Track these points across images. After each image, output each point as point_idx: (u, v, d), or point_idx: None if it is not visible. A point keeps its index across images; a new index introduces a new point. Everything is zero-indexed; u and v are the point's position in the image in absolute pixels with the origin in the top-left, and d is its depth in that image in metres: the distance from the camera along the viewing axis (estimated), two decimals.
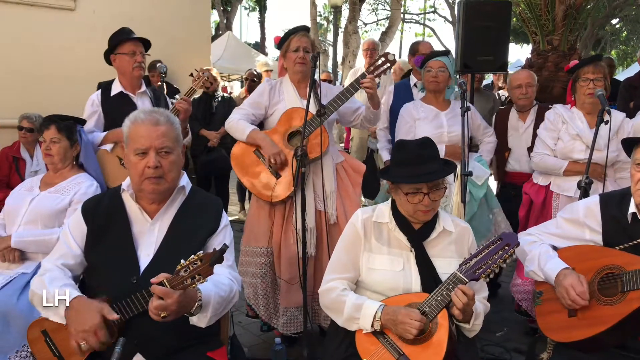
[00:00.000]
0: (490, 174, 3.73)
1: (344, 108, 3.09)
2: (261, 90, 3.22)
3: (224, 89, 7.64)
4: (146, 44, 3.45)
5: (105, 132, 3.39)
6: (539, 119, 3.77)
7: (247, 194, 6.59)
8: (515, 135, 3.92)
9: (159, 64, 3.51)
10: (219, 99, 5.72)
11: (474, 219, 3.37)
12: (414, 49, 4.62)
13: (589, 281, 2.03)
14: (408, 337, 1.89)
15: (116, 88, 3.46)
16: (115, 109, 3.27)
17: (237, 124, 3.12)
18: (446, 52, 3.66)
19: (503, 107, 4.20)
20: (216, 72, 5.65)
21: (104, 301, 1.83)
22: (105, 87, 3.52)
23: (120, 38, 3.37)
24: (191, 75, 3.53)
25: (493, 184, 4.25)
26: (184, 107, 3.31)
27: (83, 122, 3.07)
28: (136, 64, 3.36)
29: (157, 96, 3.53)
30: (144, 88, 3.48)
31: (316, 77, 3.04)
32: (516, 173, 3.92)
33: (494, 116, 4.18)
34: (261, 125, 3.27)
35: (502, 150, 3.94)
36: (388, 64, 3.02)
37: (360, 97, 3.92)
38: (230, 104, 5.77)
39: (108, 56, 3.43)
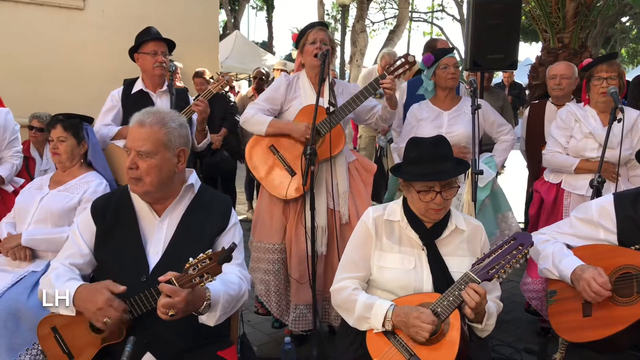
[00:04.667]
0: (497, 175, 3.65)
1: (360, 107, 3.07)
2: (277, 85, 3.19)
3: (232, 90, 7.61)
4: (170, 44, 3.49)
5: (120, 127, 3.42)
6: None
7: (255, 192, 6.59)
8: None
9: (169, 63, 3.50)
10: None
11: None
12: (432, 46, 4.55)
13: None
14: (419, 340, 1.87)
15: (138, 86, 3.52)
16: (134, 106, 3.27)
17: (254, 117, 3.09)
18: (453, 49, 3.64)
19: (537, 101, 4.11)
20: (209, 74, 5.62)
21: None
22: (128, 83, 3.57)
23: (144, 38, 3.43)
24: (211, 78, 3.53)
25: (508, 184, 4.18)
26: (200, 109, 3.32)
27: (90, 120, 3.07)
28: (157, 63, 3.40)
29: (180, 96, 3.54)
30: (165, 87, 3.50)
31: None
32: None
33: (526, 110, 4.08)
34: None
35: (537, 145, 3.82)
36: (407, 66, 3.01)
37: None
38: (227, 101, 5.73)
39: (132, 54, 3.48)
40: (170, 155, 1.94)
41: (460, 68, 3.50)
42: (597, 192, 2.73)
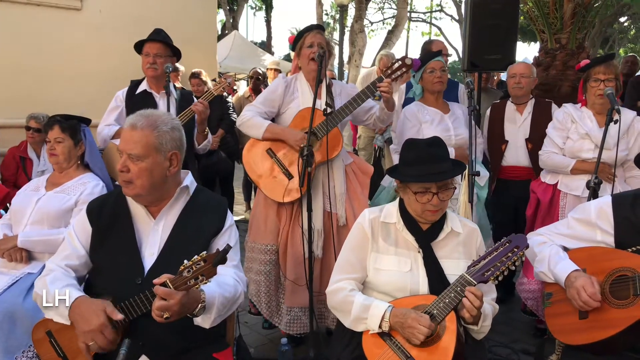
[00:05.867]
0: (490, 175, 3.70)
1: (358, 108, 3.06)
2: (274, 87, 3.18)
3: (230, 90, 7.57)
4: (173, 49, 3.54)
5: (120, 127, 3.46)
6: (537, 112, 3.76)
7: (252, 192, 6.58)
8: (512, 128, 3.85)
9: (166, 64, 3.50)
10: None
11: (479, 220, 3.35)
12: (427, 48, 4.55)
13: (601, 283, 2.00)
14: (415, 342, 1.87)
15: (142, 86, 3.57)
16: (137, 106, 3.31)
17: (251, 120, 3.08)
18: (440, 53, 3.63)
19: (498, 101, 4.14)
20: (205, 75, 5.63)
21: (107, 300, 1.83)
22: (134, 84, 3.61)
23: (143, 40, 3.50)
24: (214, 80, 3.55)
25: None
26: (200, 109, 3.33)
27: (87, 121, 3.07)
28: (147, 65, 3.45)
29: (184, 98, 3.55)
30: (168, 88, 3.50)
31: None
32: (512, 167, 3.83)
33: (487, 109, 4.12)
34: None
35: (498, 144, 3.87)
36: (405, 68, 3.01)
37: None
38: (224, 102, 5.73)
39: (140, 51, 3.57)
40: (161, 158, 1.93)
41: (447, 72, 3.49)
42: (593, 193, 2.73)
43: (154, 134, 1.91)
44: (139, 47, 3.52)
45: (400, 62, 3.02)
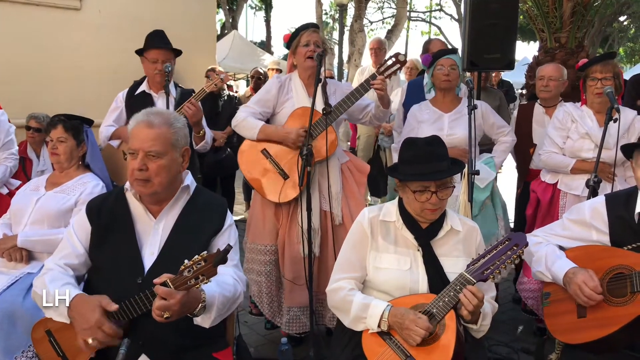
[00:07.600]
0: (495, 176, 3.62)
1: (353, 106, 3.06)
2: (269, 87, 3.18)
3: (230, 87, 7.64)
4: (176, 52, 3.61)
5: (115, 128, 3.48)
6: None
7: (252, 192, 6.59)
8: (540, 131, 3.76)
9: (164, 64, 3.51)
10: (225, 97, 5.72)
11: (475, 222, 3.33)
12: (426, 48, 4.56)
13: (598, 280, 2.00)
14: (412, 343, 1.87)
15: (142, 87, 3.63)
16: (136, 106, 3.32)
17: (245, 122, 3.08)
18: (455, 50, 3.61)
19: (526, 103, 4.10)
20: (221, 69, 5.66)
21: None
22: (134, 85, 3.67)
23: (149, 45, 3.56)
24: (207, 76, 3.57)
25: (505, 184, 4.16)
26: (191, 113, 3.33)
27: (90, 122, 3.07)
28: (156, 71, 3.52)
29: (184, 98, 3.56)
30: (167, 88, 3.52)
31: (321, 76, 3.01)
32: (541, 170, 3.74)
33: (515, 111, 4.04)
34: (267, 122, 3.24)
35: (525, 147, 3.79)
36: (398, 65, 3.00)
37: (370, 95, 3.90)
38: (235, 102, 5.78)
39: (141, 53, 3.63)
40: (177, 154, 1.96)
41: (457, 70, 3.46)
42: (593, 192, 2.73)
43: (170, 131, 1.93)
44: (140, 50, 3.55)
45: (393, 58, 3.02)
